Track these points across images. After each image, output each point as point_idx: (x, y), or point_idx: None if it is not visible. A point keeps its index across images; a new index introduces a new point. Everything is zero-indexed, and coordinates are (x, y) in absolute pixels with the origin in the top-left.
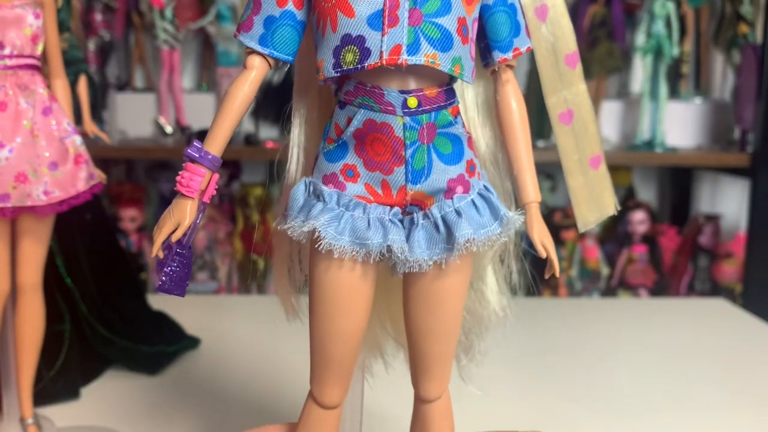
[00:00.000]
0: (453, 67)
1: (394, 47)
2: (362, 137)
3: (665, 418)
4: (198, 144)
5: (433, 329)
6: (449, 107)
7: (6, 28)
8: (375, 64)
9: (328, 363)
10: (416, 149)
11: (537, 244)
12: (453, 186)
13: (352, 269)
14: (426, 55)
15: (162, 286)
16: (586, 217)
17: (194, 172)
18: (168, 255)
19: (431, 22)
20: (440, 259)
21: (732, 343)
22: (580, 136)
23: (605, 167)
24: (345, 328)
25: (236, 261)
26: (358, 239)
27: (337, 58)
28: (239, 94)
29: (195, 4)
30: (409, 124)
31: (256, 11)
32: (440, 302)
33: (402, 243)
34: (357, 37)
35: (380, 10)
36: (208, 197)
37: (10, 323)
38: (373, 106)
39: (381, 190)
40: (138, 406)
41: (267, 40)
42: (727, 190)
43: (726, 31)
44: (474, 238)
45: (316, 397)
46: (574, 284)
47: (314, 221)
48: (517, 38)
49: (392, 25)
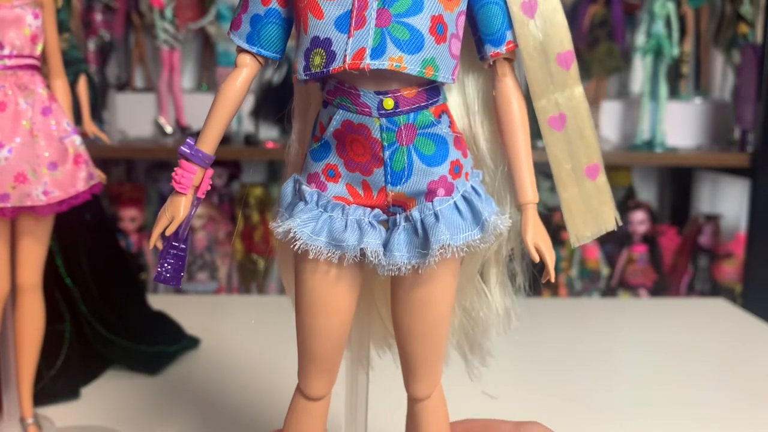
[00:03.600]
0: (424, 69)
1: (357, 51)
2: (341, 137)
3: (665, 418)
4: (191, 142)
5: (417, 331)
6: (431, 107)
7: (5, 28)
8: (338, 68)
9: (312, 358)
10: (395, 150)
11: (530, 247)
12: (434, 188)
13: (328, 270)
14: (391, 59)
15: (158, 277)
16: (580, 231)
17: (187, 170)
18: (165, 248)
19: (400, 23)
20: (417, 264)
21: (732, 343)
22: (574, 142)
23: (605, 178)
24: (326, 326)
25: (236, 261)
26: (334, 240)
27: (307, 61)
28: (230, 92)
29: (195, 4)
30: (385, 126)
31: (244, 10)
32: (422, 306)
33: (376, 246)
34: (324, 39)
35: (348, 11)
36: (202, 192)
37: (10, 323)
38: (350, 107)
39: (362, 191)
40: (138, 406)
41: (254, 39)
42: (727, 190)
43: (726, 31)
44: (450, 244)
45: (302, 389)
46: (574, 284)
47: (291, 221)
48: (510, 31)
49: (358, 27)
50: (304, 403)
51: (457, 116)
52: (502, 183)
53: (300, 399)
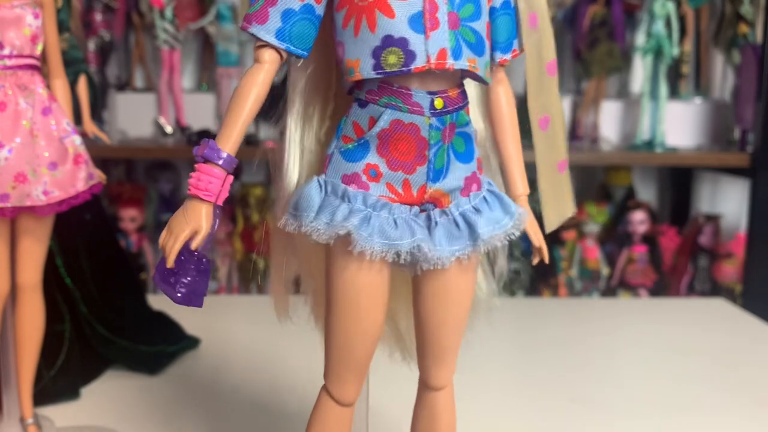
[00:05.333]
0: (485, 71)
1: (440, 51)
2: (386, 137)
3: (665, 418)
4: (213, 143)
5: (448, 322)
6: (465, 107)
7: (5, 28)
8: (422, 67)
9: (348, 362)
10: (438, 149)
11: (530, 232)
12: (469, 183)
13: (378, 271)
14: (469, 60)
15: (181, 299)
16: (550, 218)
17: (210, 174)
18: (183, 264)
19: (468, 26)
20: (462, 255)
21: (732, 343)
22: (553, 141)
23: (568, 171)
24: (367, 329)
25: (236, 261)
26: (388, 240)
27: (378, 60)
28: (253, 89)
29: (195, 4)
30: (434, 125)
31: (271, 3)
32: (457, 296)
33: (429, 242)
34: (399, 39)
35: (420, 11)
36: (221, 200)
37: (10, 323)
38: (401, 107)
39: (402, 190)
40: (138, 406)
41: (285, 34)
42: (727, 190)
43: (726, 31)
44: (495, 234)
45: (334, 395)
46: (574, 284)
47: (346, 223)
48: (515, 39)
49: (434, 28)
50: (335, 409)
51: None
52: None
53: (330, 405)
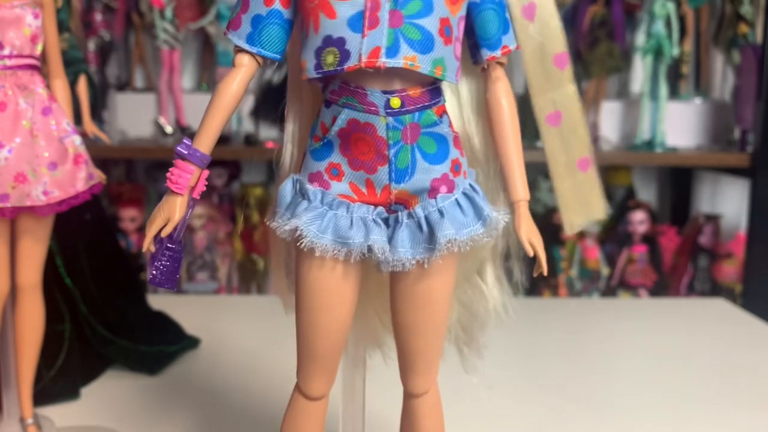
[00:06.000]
0: (434, 69)
1: (372, 50)
2: (346, 136)
3: (665, 418)
4: (187, 141)
5: (418, 326)
6: (434, 107)
7: (5, 28)
8: (354, 66)
9: (313, 357)
10: (400, 149)
11: (525, 242)
12: (437, 185)
13: (333, 267)
14: (405, 58)
15: (153, 280)
16: (573, 219)
17: (183, 169)
18: (159, 249)
19: (412, 24)
20: (422, 259)
21: (732, 343)
22: (568, 138)
23: (594, 170)
24: (328, 324)
25: (236, 261)
26: (340, 238)
27: (318, 59)
28: (228, 92)
29: (195, 4)
30: (392, 124)
31: (244, 10)
32: (424, 301)
33: (383, 243)
34: (337, 38)
35: (361, 11)
36: (197, 194)
37: (10, 323)
38: (356, 106)
39: (365, 189)
40: (138, 406)
41: (254, 39)
42: (727, 190)
43: (726, 31)
44: (456, 239)
45: (302, 389)
46: (574, 284)
47: (296, 219)
48: (506, 36)
49: (372, 27)
50: (303, 403)
51: (451, 117)
52: (495, 181)
53: (299, 398)
